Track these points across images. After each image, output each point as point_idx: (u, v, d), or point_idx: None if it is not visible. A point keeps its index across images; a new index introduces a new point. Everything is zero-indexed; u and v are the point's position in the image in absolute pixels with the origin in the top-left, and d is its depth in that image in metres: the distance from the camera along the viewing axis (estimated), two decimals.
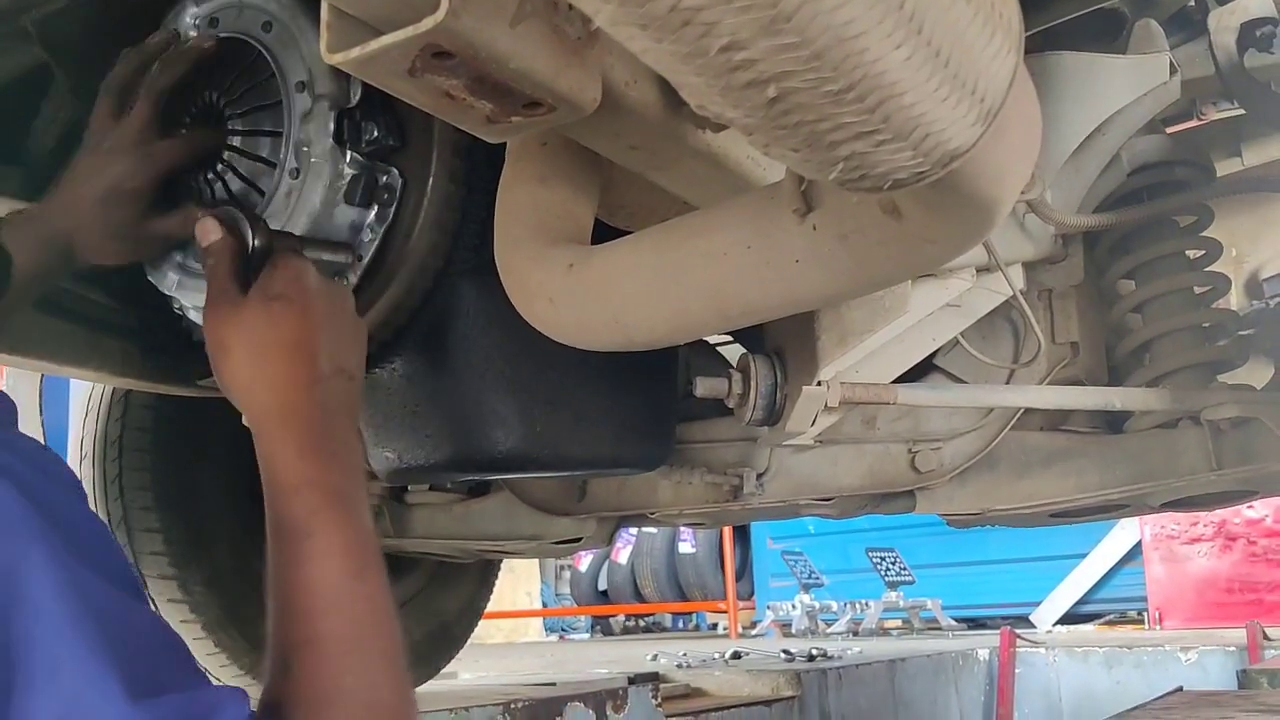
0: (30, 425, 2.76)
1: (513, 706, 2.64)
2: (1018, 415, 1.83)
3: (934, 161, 0.60)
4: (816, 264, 0.86)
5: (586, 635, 11.10)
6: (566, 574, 11.84)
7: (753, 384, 1.52)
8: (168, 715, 0.66)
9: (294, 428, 0.86)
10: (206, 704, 0.69)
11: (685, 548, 10.17)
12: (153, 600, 2.27)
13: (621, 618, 11.17)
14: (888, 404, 1.59)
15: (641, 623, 11.24)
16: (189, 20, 1.45)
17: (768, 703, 3.46)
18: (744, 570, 9.46)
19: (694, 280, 0.95)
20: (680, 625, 11.10)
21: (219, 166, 1.39)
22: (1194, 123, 2.03)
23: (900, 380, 1.65)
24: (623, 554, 10.76)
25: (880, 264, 0.84)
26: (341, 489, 0.84)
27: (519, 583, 10.36)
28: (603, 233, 1.29)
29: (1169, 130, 1.91)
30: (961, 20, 0.52)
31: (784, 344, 1.54)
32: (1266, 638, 4.23)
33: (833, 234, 0.84)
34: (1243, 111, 1.91)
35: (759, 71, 0.48)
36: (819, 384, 1.48)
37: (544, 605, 11.34)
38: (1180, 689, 2.82)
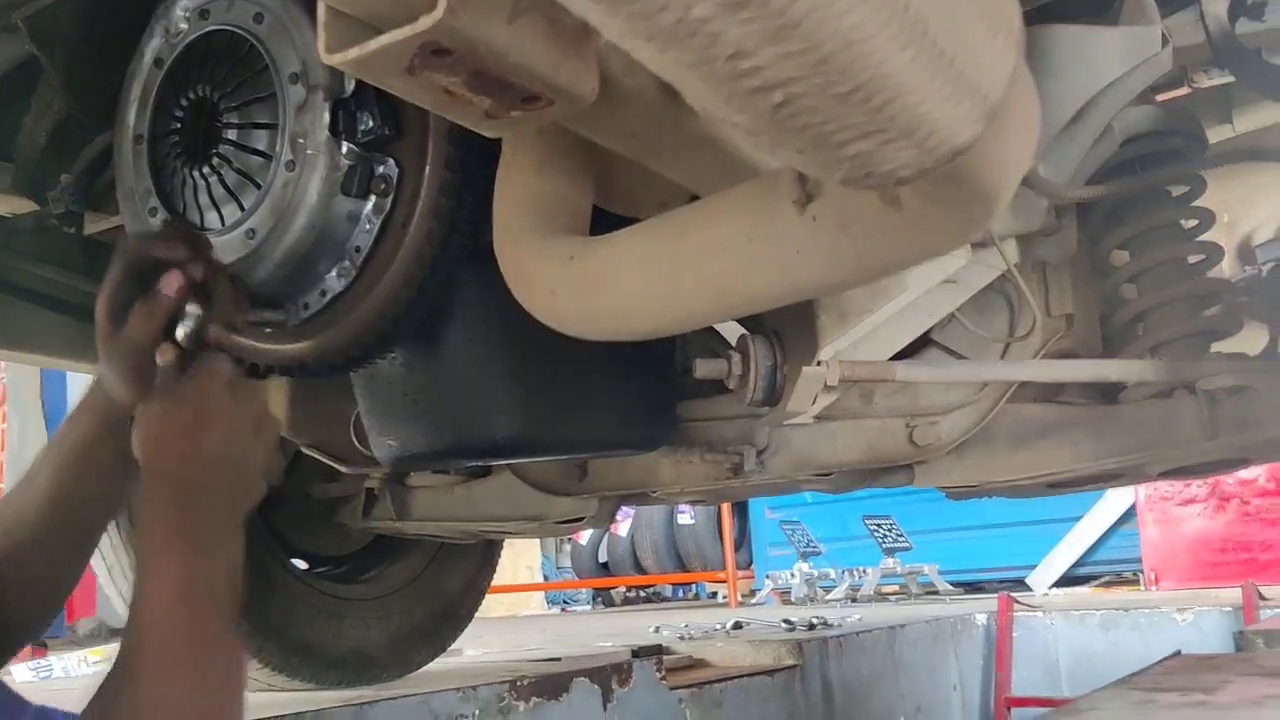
0: (32, 415, 2.77)
1: (519, 684, 2.66)
2: (1013, 388, 1.83)
3: (938, 158, 0.60)
4: (817, 254, 0.87)
5: (588, 607, 11.16)
6: (567, 547, 11.88)
7: (752, 365, 1.53)
8: None
9: (159, 485, 1.08)
10: None
11: (684, 519, 10.20)
12: None
13: (622, 589, 11.23)
14: (887, 381, 1.60)
15: (642, 594, 11.30)
16: (179, 13, 1.44)
17: (770, 672, 3.49)
18: (742, 540, 9.51)
19: (695, 272, 0.95)
20: (680, 595, 11.16)
21: (214, 161, 1.39)
22: (1184, 90, 2.03)
23: (896, 354, 1.66)
24: (622, 527, 10.79)
25: (881, 253, 0.84)
26: (189, 534, 1.04)
27: (520, 556, 10.40)
28: (597, 216, 1.30)
29: (1159, 98, 1.91)
30: (965, 20, 0.53)
31: (782, 324, 1.55)
32: (1262, 597, 4.26)
33: (833, 224, 0.84)
34: (1233, 79, 1.91)
35: (765, 78, 0.49)
36: (819, 363, 1.48)
37: (545, 578, 11.39)
38: (1179, 653, 2.85)
